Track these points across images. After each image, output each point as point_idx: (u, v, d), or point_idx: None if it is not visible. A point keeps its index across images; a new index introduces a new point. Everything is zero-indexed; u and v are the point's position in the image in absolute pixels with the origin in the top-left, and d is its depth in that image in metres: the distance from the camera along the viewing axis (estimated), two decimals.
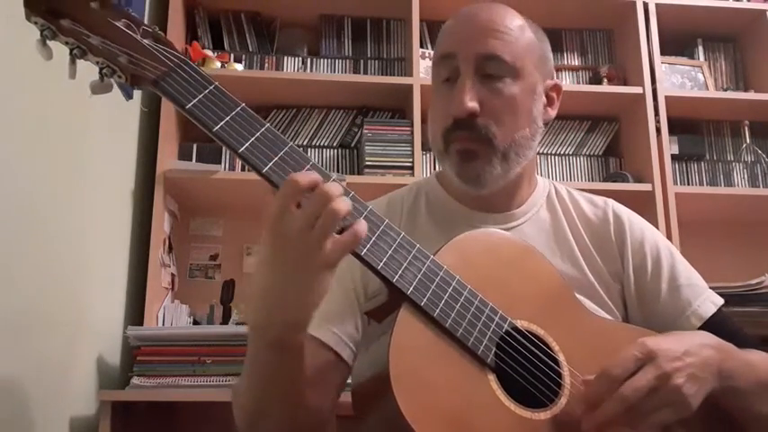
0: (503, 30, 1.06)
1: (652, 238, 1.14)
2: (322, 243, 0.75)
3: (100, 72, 0.83)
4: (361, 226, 0.79)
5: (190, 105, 0.81)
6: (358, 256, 0.83)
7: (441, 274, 0.87)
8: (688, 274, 1.12)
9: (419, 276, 0.85)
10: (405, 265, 0.85)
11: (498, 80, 1.04)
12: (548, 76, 1.13)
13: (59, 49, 0.83)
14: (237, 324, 2.28)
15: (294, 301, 0.78)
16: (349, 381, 1.02)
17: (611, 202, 1.19)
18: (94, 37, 0.81)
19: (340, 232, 0.78)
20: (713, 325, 1.06)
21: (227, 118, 0.81)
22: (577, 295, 1.02)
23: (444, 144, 1.07)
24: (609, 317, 1.06)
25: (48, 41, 0.81)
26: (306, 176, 0.76)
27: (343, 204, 0.76)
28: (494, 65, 1.04)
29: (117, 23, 0.82)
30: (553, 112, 1.14)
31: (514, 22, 1.08)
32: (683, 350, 0.87)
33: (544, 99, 1.11)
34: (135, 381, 1.89)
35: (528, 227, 1.12)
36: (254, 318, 0.82)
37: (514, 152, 1.06)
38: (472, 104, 1.02)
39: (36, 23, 0.80)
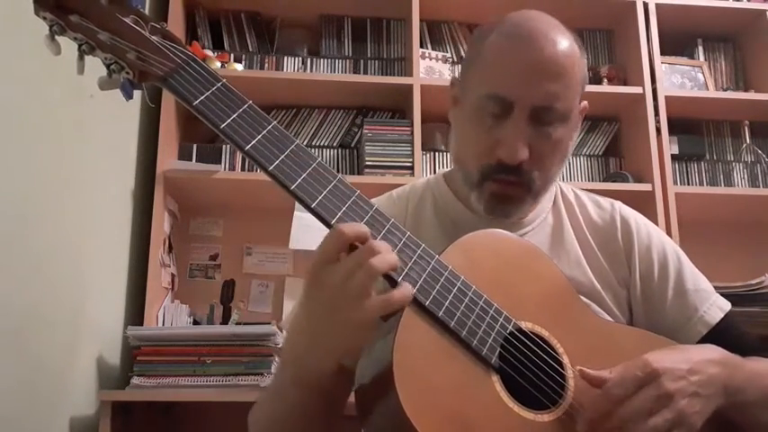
0: (562, 71, 1.00)
1: (659, 243, 1.12)
2: (360, 300, 0.76)
3: (108, 68, 0.82)
4: (407, 288, 0.80)
5: (197, 102, 0.80)
6: None
7: (446, 274, 0.87)
8: (695, 280, 1.11)
9: (424, 276, 0.85)
10: (410, 264, 0.85)
11: (549, 125, 1.01)
12: (582, 98, 1.09)
13: (63, 48, 0.83)
14: (237, 324, 2.28)
15: (323, 349, 0.80)
16: None
17: (617, 204, 1.17)
18: (103, 33, 0.81)
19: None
20: (720, 331, 1.06)
21: (235, 115, 0.81)
22: (582, 298, 1.01)
23: (480, 178, 1.03)
24: (613, 320, 1.06)
25: (56, 37, 0.81)
26: (352, 228, 0.78)
27: (380, 262, 0.77)
28: (549, 113, 1.00)
29: (126, 19, 0.82)
30: (576, 134, 1.10)
31: (571, 54, 1.01)
32: (688, 368, 0.86)
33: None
34: (135, 381, 1.90)
35: (534, 234, 1.10)
36: (286, 353, 0.85)
37: (545, 189, 1.07)
38: (524, 154, 0.99)
39: (45, 19, 0.80)
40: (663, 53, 2.77)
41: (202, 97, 0.81)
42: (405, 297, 0.79)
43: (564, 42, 1.02)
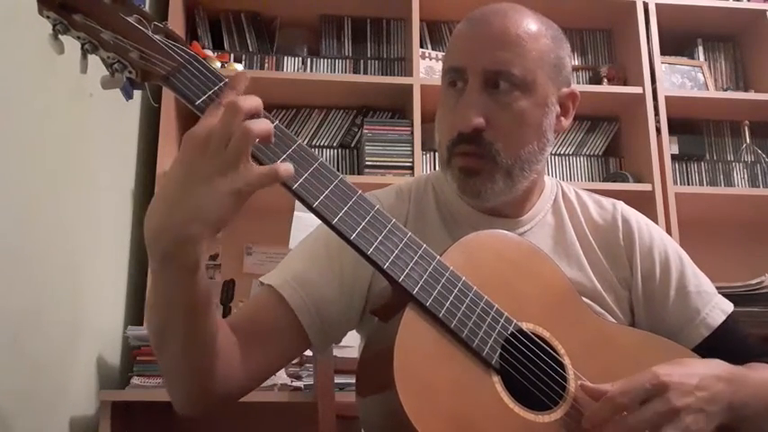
0: (514, 41, 1.01)
1: (661, 243, 1.12)
2: (236, 162, 0.74)
3: (110, 67, 0.82)
4: (285, 165, 0.77)
5: (199, 102, 0.81)
6: (364, 254, 0.83)
7: (447, 275, 0.87)
8: (697, 281, 1.10)
9: (425, 277, 0.85)
10: (411, 264, 0.85)
11: (507, 94, 1.00)
12: (563, 84, 1.07)
13: (66, 47, 0.83)
14: None
15: (191, 212, 0.75)
16: (352, 380, 1.01)
17: (619, 205, 1.16)
18: (106, 32, 0.81)
19: None
20: (722, 334, 1.06)
21: None
22: (584, 299, 1.01)
23: (448, 155, 1.04)
24: (615, 321, 1.06)
25: (59, 36, 0.81)
26: (248, 103, 0.76)
27: (258, 125, 0.75)
28: (503, 79, 1.00)
29: (129, 19, 0.82)
30: (567, 122, 1.09)
31: (529, 30, 1.02)
32: (695, 384, 0.87)
33: (558, 109, 1.06)
34: (135, 381, 1.89)
35: (534, 233, 1.09)
36: (149, 223, 0.78)
37: (519, 168, 1.03)
38: (477, 121, 0.99)
39: (48, 18, 0.80)
40: (663, 53, 2.78)
41: (205, 96, 0.81)
42: (287, 172, 0.77)
43: (523, 21, 1.03)
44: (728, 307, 1.10)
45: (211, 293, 0.85)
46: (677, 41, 2.92)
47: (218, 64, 2.54)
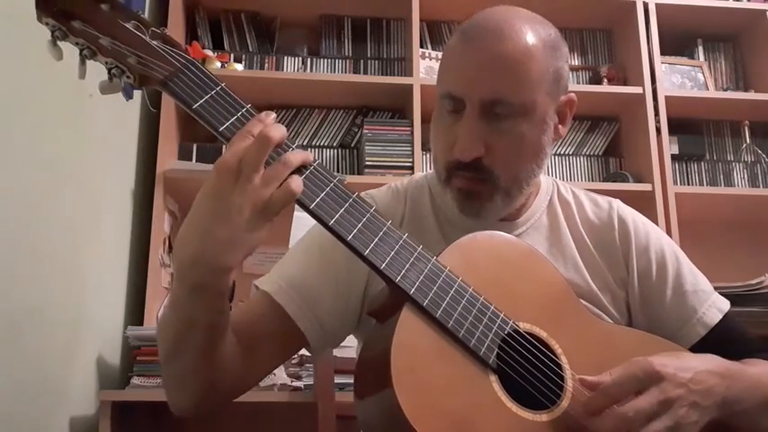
0: (510, 66, 0.98)
1: (657, 242, 1.12)
2: (252, 173, 0.76)
3: (109, 72, 0.83)
4: (296, 181, 0.80)
5: (196, 105, 0.81)
6: (361, 255, 0.83)
7: (443, 275, 0.87)
8: (694, 280, 1.10)
9: (422, 277, 0.85)
10: (407, 265, 0.85)
11: (506, 120, 0.99)
12: (561, 93, 1.05)
13: (66, 51, 0.84)
14: None
15: (226, 242, 0.78)
16: (352, 380, 1.02)
17: (615, 203, 1.16)
18: (104, 38, 0.81)
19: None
20: (719, 332, 1.06)
21: (233, 119, 0.82)
22: (581, 299, 1.01)
23: (446, 174, 1.03)
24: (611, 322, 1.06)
25: (58, 42, 0.82)
26: (278, 132, 0.79)
27: (275, 131, 0.78)
28: (500, 107, 0.98)
29: (126, 25, 0.83)
30: (564, 129, 1.08)
31: (526, 49, 0.98)
32: (690, 377, 0.87)
33: (556, 119, 1.05)
34: (135, 381, 1.90)
35: (529, 234, 1.10)
36: (181, 254, 0.81)
37: (517, 187, 1.03)
38: (476, 151, 0.98)
39: (47, 24, 0.81)
40: (663, 53, 2.77)
41: (202, 101, 0.82)
42: (299, 187, 0.80)
43: (518, 37, 0.99)
44: (725, 305, 1.10)
45: (229, 312, 0.88)
46: (677, 41, 2.92)
47: (218, 64, 2.54)
